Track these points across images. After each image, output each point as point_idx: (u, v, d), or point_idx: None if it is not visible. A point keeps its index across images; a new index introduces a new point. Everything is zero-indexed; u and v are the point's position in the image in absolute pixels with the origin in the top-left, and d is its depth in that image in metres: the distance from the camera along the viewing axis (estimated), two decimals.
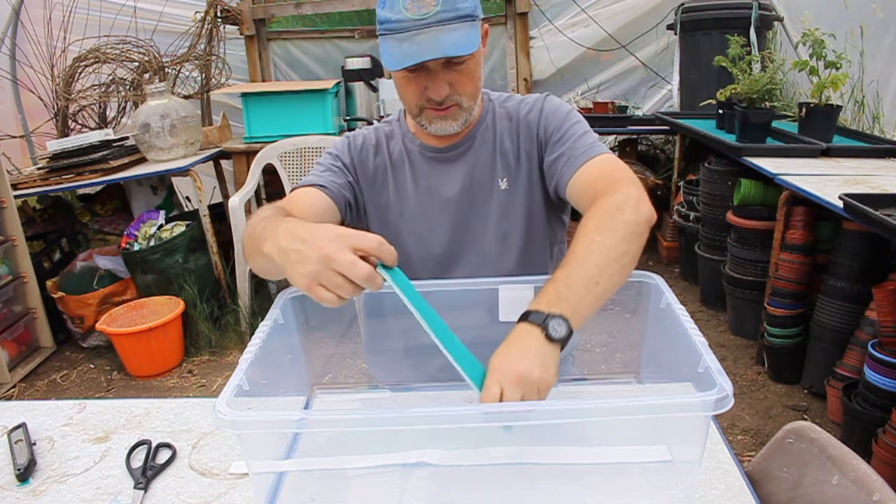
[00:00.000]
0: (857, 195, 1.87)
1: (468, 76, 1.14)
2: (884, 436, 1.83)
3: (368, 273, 0.79)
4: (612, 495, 0.84)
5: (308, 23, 4.30)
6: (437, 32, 1.05)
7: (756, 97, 2.68)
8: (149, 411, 1.14)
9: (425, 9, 1.05)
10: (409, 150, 1.28)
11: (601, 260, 0.90)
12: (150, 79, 3.61)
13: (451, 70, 1.11)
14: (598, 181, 1.08)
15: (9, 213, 2.92)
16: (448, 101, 1.14)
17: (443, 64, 1.10)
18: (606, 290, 0.90)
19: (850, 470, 0.80)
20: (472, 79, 1.15)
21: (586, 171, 1.12)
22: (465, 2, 1.07)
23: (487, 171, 1.25)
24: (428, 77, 1.12)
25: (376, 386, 1.35)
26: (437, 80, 1.11)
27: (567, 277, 0.88)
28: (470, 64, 1.12)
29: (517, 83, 4.01)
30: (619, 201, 0.98)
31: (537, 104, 1.25)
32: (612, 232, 0.93)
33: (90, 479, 0.96)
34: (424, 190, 1.26)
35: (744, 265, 2.76)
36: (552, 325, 0.83)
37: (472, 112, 1.20)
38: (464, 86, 1.14)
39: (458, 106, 1.16)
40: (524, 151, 1.25)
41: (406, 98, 1.17)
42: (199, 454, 1.00)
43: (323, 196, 1.20)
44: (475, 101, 1.19)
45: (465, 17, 1.07)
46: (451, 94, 1.13)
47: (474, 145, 1.26)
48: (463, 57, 1.09)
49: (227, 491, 0.91)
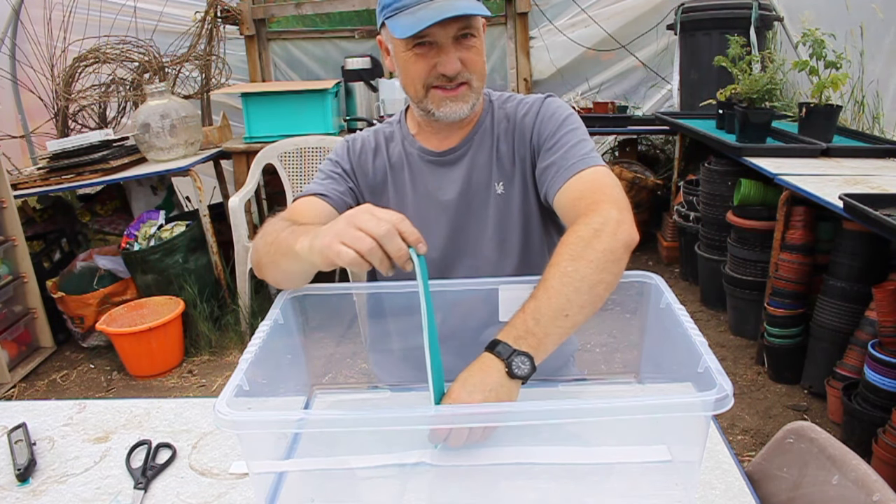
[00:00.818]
0: (857, 195, 1.87)
1: (478, 54, 1.14)
2: (884, 436, 1.83)
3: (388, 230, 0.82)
4: (612, 495, 0.84)
5: (308, 23, 4.30)
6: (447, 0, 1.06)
7: (756, 97, 2.68)
8: (149, 411, 1.14)
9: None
10: (409, 153, 1.27)
11: (572, 293, 0.90)
12: (150, 79, 3.61)
13: (462, 45, 1.12)
14: (581, 199, 1.06)
15: (9, 213, 2.92)
16: (460, 77, 1.13)
17: (453, 39, 1.10)
18: (576, 321, 0.91)
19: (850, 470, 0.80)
20: (481, 58, 1.15)
21: (573, 185, 1.10)
22: None
23: (484, 175, 1.24)
24: (438, 53, 1.11)
25: (376, 386, 1.35)
26: (449, 53, 1.11)
27: (536, 311, 0.90)
28: (478, 43, 1.13)
29: (517, 83, 4.01)
30: (596, 225, 0.96)
31: (535, 106, 1.24)
32: (585, 261, 0.92)
33: (90, 479, 0.96)
34: (423, 194, 1.25)
35: (744, 265, 2.76)
36: (516, 362, 0.87)
37: (479, 96, 1.19)
38: (474, 63, 1.14)
39: (468, 85, 1.15)
40: (518, 155, 1.23)
41: (413, 77, 1.15)
42: (199, 454, 1.00)
43: (324, 205, 1.20)
44: (482, 83, 1.18)
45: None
46: (462, 70, 1.13)
47: (472, 148, 1.24)
48: (472, 31, 1.11)
49: (227, 491, 0.91)
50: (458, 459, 0.91)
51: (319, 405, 1.13)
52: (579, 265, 0.92)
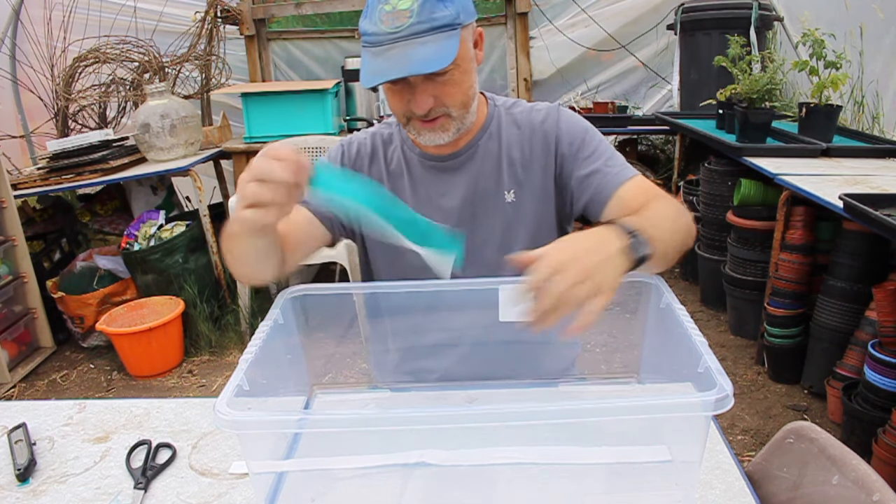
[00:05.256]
0: (857, 195, 1.87)
1: (454, 86, 1.08)
2: (884, 436, 1.83)
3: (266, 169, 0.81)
4: (612, 495, 0.84)
5: (308, 23, 4.30)
6: (408, 47, 1.00)
7: (756, 97, 2.68)
8: (149, 411, 1.14)
9: (399, 21, 1.00)
10: (408, 158, 1.23)
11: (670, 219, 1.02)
12: (150, 79, 3.61)
13: (434, 82, 1.06)
14: (639, 197, 1.11)
15: (9, 213, 2.92)
16: (433, 112, 1.08)
17: (424, 77, 1.04)
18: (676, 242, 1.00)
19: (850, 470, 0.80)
20: (460, 88, 1.09)
21: (626, 190, 1.12)
22: (444, 10, 1.01)
23: (492, 182, 1.20)
24: (410, 90, 1.07)
25: (376, 386, 1.35)
26: (419, 93, 1.06)
27: (647, 219, 0.96)
28: (455, 74, 1.06)
29: (517, 83, 4.01)
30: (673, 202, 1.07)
31: (553, 113, 1.21)
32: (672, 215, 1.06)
33: (90, 479, 0.96)
34: (424, 199, 1.22)
35: (744, 265, 2.76)
36: (639, 239, 0.88)
37: (466, 120, 1.13)
38: (450, 96, 1.08)
39: (447, 116, 1.10)
40: (538, 162, 1.19)
41: (393, 110, 1.13)
42: (199, 454, 1.00)
43: (304, 213, 1.17)
44: (466, 109, 1.12)
45: (442, 28, 1.01)
46: (436, 105, 1.08)
47: (477, 154, 1.20)
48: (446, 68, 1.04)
49: (227, 491, 0.91)
50: (458, 459, 0.91)
51: (319, 405, 1.13)
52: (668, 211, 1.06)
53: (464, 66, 1.07)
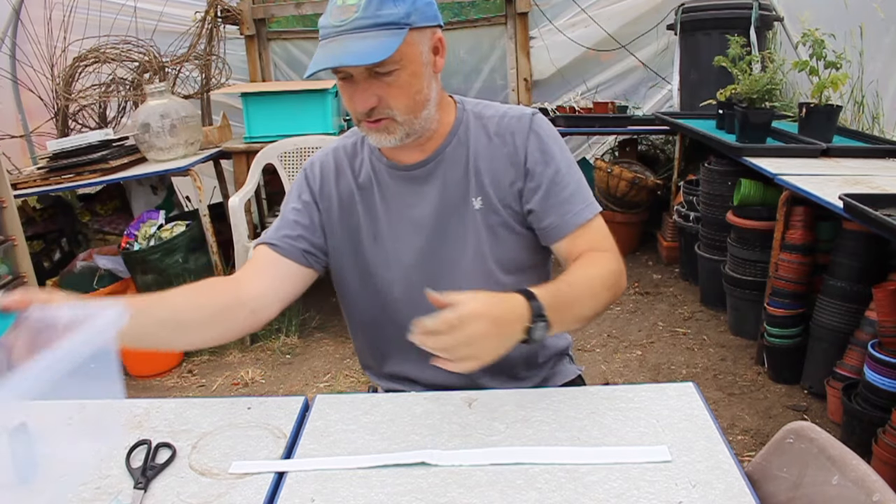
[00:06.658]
0: (856, 195, 1.87)
1: (399, 88, 1.04)
2: (884, 436, 1.83)
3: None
4: (612, 495, 0.84)
5: (308, 23, 4.30)
6: (347, 40, 1.00)
7: (756, 97, 2.68)
8: (148, 411, 1.13)
9: (345, 15, 1.01)
10: (377, 169, 1.19)
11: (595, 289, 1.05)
12: (150, 79, 3.61)
13: (379, 81, 1.03)
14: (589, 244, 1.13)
15: (9, 212, 2.91)
16: (376, 113, 1.06)
17: (367, 74, 1.03)
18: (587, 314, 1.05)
19: (850, 470, 0.80)
20: (406, 91, 1.05)
21: (581, 234, 1.13)
22: (392, 8, 1.00)
23: (460, 190, 1.16)
24: (355, 86, 1.05)
25: (376, 388, 1.35)
26: (360, 90, 1.04)
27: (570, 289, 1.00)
28: (401, 75, 1.03)
29: (517, 83, 4.02)
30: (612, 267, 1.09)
31: (524, 123, 1.15)
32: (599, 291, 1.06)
33: (90, 479, 0.96)
34: (395, 211, 1.18)
35: (744, 265, 2.76)
36: (539, 327, 0.93)
37: (415, 126, 1.09)
38: (395, 98, 1.04)
39: (391, 119, 1.06)
40: (504, 173, 1.15)
41: (347, 108, 1.11)
42: (199, 454, 1.00)
43: (276, 256, 1.17)
44: (414, 115, 1.07)
45: (387, 25, 1.00)
46: (380, 106, 1.05)
47: (444, 162, 1.16)
48: (388, 67, 1.02)
49: (227, 491, 0.91)
50: (458, 459, 0.91)
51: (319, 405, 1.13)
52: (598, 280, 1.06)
53: (412, 69, 1.05)
